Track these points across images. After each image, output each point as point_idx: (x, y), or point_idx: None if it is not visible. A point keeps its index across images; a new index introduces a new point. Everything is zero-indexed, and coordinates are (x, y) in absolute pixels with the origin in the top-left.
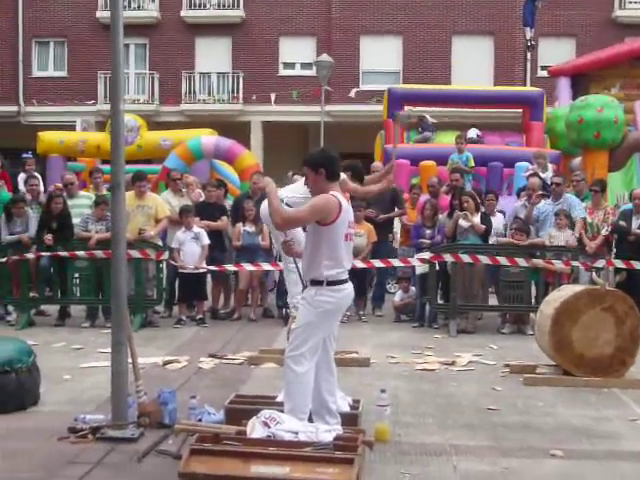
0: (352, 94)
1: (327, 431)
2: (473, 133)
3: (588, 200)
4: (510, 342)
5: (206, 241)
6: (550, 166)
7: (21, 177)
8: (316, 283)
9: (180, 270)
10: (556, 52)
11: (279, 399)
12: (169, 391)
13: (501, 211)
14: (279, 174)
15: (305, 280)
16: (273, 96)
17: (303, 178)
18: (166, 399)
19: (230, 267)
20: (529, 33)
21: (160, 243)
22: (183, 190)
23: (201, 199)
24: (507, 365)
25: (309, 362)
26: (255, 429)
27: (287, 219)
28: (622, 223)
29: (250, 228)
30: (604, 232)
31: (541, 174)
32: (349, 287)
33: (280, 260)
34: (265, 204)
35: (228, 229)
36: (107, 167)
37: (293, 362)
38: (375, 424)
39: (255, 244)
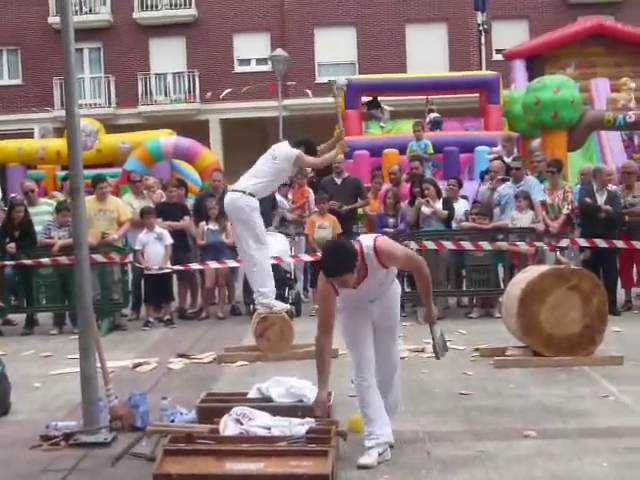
0: (309, 94)
1: (300, 424)
2: (433, 115)
3: (548, 180)
4: (479, 326)
5: (169, 241)
6: (515, 150)
7: None
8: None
9: (145, 272)
10: (510, 35)
11: (250, 395)
12: (140, 393)
13: (464, 196)
14: (239, 171)
15: None
16: (223, 93)
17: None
18: (137, 402)
19: (195, 265)
20: (480, 17)
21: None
22: (144, 192)
23: (162, 200)
24: (477, 349)
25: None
26: (228, 426)
27: (419, 263)
28: (588, 200)
29: (214, 226)
30: (565, 211)
31: (505, 158)
32: None
33: None
34: (231, 197)
35: (191, 228)
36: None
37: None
38: (348, 415)
39: (219, 242)
